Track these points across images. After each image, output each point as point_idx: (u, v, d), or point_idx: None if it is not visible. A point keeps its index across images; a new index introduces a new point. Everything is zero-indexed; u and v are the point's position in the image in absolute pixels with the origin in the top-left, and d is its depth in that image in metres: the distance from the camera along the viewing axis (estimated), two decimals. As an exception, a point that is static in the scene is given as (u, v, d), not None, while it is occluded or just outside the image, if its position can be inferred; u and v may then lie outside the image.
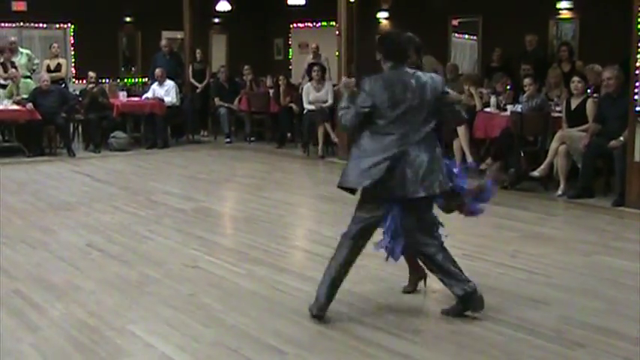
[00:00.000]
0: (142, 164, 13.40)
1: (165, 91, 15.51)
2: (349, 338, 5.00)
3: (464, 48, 17.69)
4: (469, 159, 11.18)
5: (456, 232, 8.28)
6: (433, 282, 6.59)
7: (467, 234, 7.99)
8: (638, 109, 9.16)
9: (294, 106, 15.23)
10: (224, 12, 19.50)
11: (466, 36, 17.64)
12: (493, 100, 11.72)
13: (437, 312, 5.58)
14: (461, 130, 11.24)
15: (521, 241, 7.70)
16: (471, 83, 12.19)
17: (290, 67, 20.59)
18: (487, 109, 11.64)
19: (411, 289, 5.99)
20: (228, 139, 16.16)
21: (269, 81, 16.85)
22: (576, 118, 10.24)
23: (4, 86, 14.90)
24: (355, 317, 5.40)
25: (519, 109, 10.83)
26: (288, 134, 15.92)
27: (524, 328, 5.17)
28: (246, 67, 16.95)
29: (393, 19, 18.40)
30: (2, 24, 18.06)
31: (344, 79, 5.81)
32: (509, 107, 11.20)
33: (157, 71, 15.70)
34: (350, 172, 5.26)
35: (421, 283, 5.99)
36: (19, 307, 5.71)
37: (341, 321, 5.32)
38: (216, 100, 16.40)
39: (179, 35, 18.59)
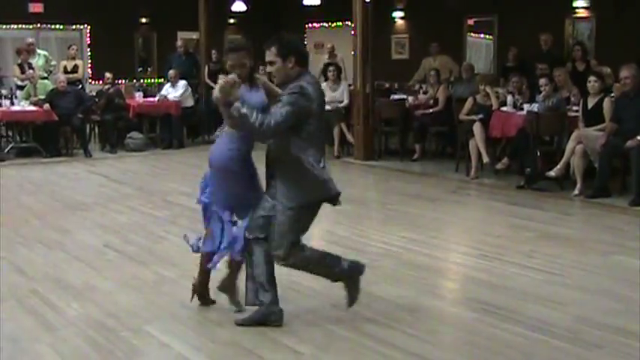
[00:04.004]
0: (157, 165, 13.44)
1: (178, 92, 15.48)
2: (364, 338, 4.99)
3: (479, 47, 17.66)
4: (485, 159, 11.16)
5: (472, 232, 8.33)
6: (448, 282, 6.62)
7: (483, 234, 7.99)
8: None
9: (309, 106, 15.22)
10: (239, 12, 19.56)
11: (482, 35, 17.61)
12: (509, 99, 11.67)
13: (452, 312, 5.58)
14: (477, 129, 11.22)
15: (537, 241, 7.66)
16: (487, 83, 12.15)
17: (305, 67, 20.60)
18: (503, 109, 11.59)
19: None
20: (244, 140, 16.13)
21: (284, 81, 16.83)
22: (593, 117, 10.19)
23: (21, 87, 14.99)
24: (370, 317, 5.39)
25: (536, 109, 10.79)
26: (303, 134, 15.89)
27: (541, 329, 5.15)
28: (261, 67, 16.90)
29: (408, 19, 18.40)
30: (19, 25, 18.21)
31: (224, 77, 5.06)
32: (525, 107, 11.15)
33: (171, 72, 15.71)
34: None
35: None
36: (36, 307, 5.74)
37: (356, 321, 5.31)
38: (232, 101, 16.37)
39: (194, 36, 18.64)
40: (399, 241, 7.59)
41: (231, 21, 21.06)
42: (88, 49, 19.46)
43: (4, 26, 18.33)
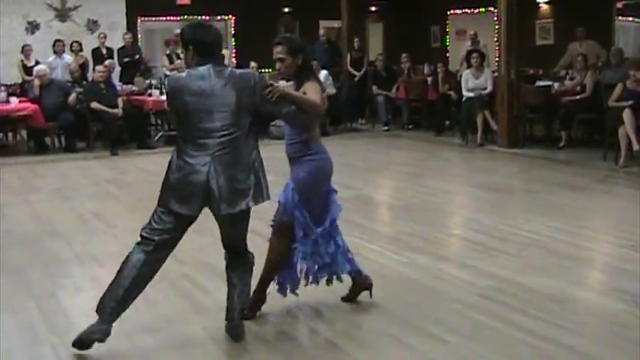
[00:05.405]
0: (300, 152, 13.57)
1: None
2: (513, 329, 4.93)
3: (628, 31, 17.12)
4: (635, 146, 10.81)
5: (621, 222, 8.09)
6: (596, 273, 6.46)
7: (633, 224, 7.74)
8: None
9: (452, 93, 15.11)
10: (381, 0, 19.58)
11: (630, 19, 17.06)
12: (662, 84, 11.27)
13: (602, 304, 5.44)
14: (627, 116, 10.88)
15: (691, 232, 7.38)
16: (638, 68, 11.74)
17: (447, 54, 20.45)
18: (655, 95, 11.20)
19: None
20: (385, 127, 16.20)
21: (426, 68, 16.79)
22: None
23: (169, 77, 15.48)
24: (518, 307, 5.32)
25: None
26: (446, 122, 15.81)
27: (698, 323, 4.97)
28: (403, 54, 16.95)
29: (553, 3, 17.99)
30: (168, 17, 18.82)
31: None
32: (679, 92, 10.75)
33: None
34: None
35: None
36: (187, 290, 5.94)
37: (504, 311, 5.25)
38: (374, 89, 16.46)
39: (336, 24, 18.78)
40: (546, 230, 7.46)
41: (373, 9, 21.12)
42: (233, 39, 19.92)
43: (154, 18, 19.01)
